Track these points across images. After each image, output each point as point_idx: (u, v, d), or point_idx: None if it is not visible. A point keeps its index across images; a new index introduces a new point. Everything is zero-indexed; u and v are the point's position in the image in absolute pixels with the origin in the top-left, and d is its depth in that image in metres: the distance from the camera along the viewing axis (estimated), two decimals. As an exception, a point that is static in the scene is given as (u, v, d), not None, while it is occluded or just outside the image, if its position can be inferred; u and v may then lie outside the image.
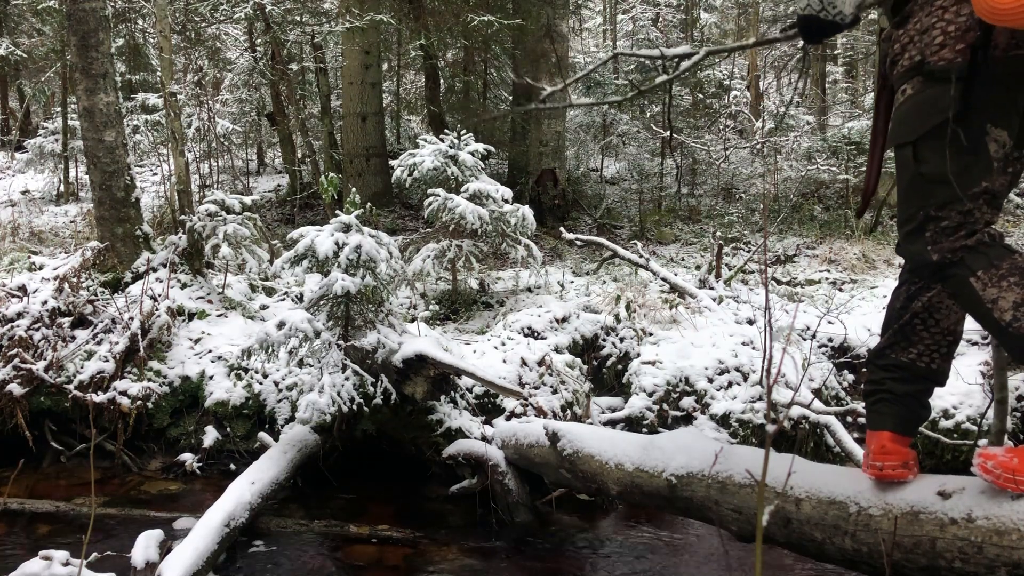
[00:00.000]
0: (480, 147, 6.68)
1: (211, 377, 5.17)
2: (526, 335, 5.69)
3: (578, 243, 8.06)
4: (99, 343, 5.21)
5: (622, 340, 5.83)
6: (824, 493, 2.15)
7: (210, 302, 5.93)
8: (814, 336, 5.68)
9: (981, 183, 1.81)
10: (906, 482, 2.01)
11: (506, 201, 6.43)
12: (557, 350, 5.53)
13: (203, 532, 3.42)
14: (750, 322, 6.22)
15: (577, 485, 3.62)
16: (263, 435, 4.79)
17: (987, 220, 1.84)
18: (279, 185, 12.02)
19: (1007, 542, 1.69)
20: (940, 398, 5.09)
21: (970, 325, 2.03)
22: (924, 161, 1.86)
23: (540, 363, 5.24)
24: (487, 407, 4.98)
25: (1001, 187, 1.86)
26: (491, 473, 4.18)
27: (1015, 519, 1.70)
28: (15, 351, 4.92)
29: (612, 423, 5.18)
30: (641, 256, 7.41)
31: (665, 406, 5.21)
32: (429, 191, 6.33)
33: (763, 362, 4.51)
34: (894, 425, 2.06)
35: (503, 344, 5.46)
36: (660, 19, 14.35)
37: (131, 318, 5.25)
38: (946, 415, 5.04)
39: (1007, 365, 2.70)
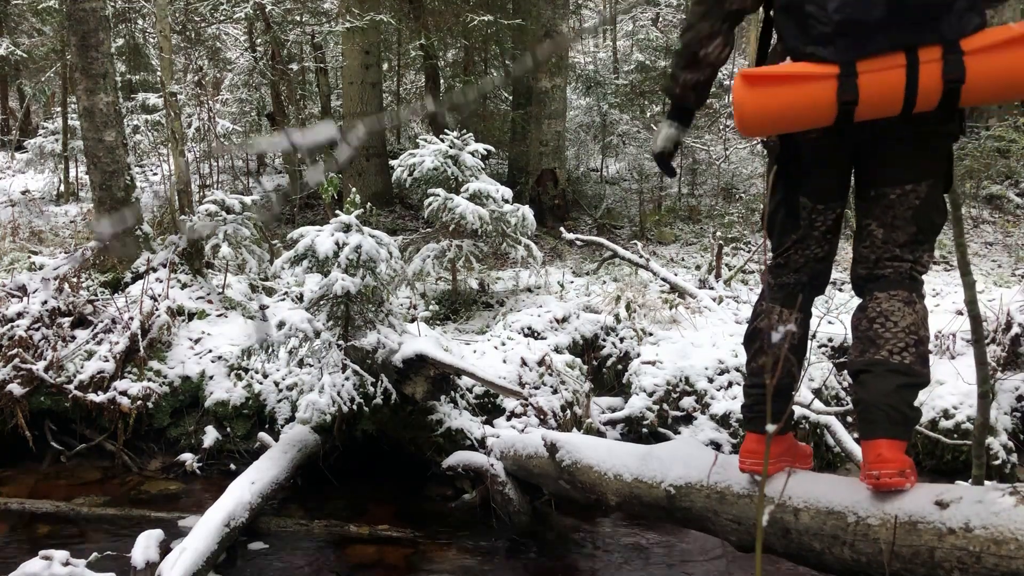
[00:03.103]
0: (480, 147, 6.67)
1: (211, 377, 5.17)
2: (526, 335, 5.69)
3: (578, 243, 8.06)
4: (99, 343, 5.21)
5: (622, 340, 5.83)
6: (822, 503, 2.15)
7: (210, 302, 5.93)
8: (814, 336, 5.66)
9: (791, 236, 2.37)
10: (903, 491, 1.99)
11: (506, 201, 6.42)
12: (557, 350, 5.53)
13: (203, 532, 3.42)
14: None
15: (577, 496, 3.54)
16: (263, 435, 4.79)
17: (796, 266, 2.42)
18: (279, 185, 12.01)
19: (1005, 551, 1.69)
20: (940, 398, 5.10)
21: (967, 324, 2.08)
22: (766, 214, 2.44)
23: (540, 363, 5.25)
24: (487, 407, 4.99)
25: (812, 240, 2.38)
26: (491, 484, 4.13)
27: (1012, 528, 1.70)
28: (15, 351, 4.92)
29: (612, 423, 5.19)
30: (641, 256, 7.41)
31: (665, 406, 5.21)
32: (429, 191, 6.32)
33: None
34: (885, 431, 2.05)
35: (503, 344, 5.46)
36: (660, 19, 14.31)
37: (131, 318, 5.26)
38: (946, 415, 5.04)
39: (988, 361, 2.83)
